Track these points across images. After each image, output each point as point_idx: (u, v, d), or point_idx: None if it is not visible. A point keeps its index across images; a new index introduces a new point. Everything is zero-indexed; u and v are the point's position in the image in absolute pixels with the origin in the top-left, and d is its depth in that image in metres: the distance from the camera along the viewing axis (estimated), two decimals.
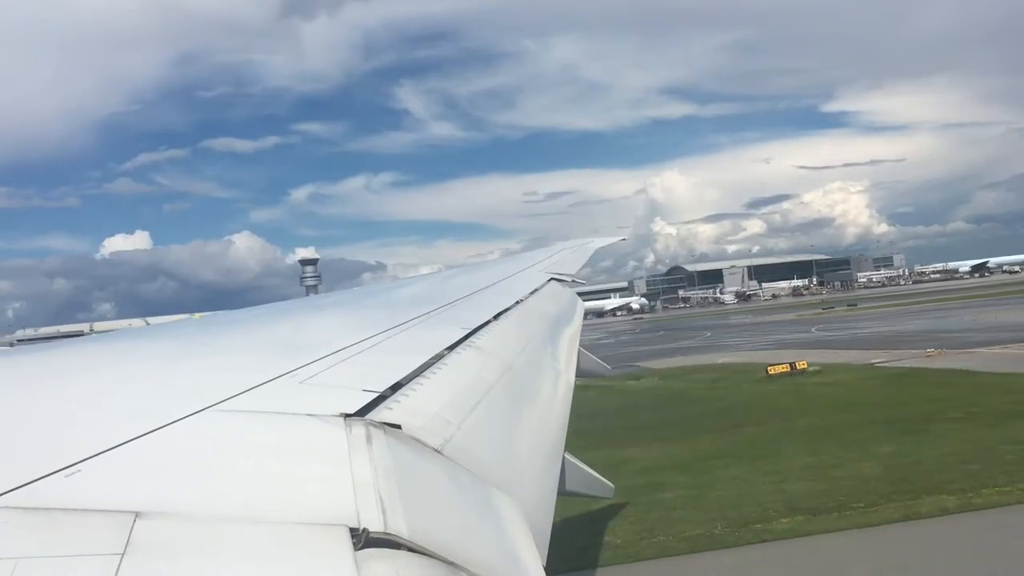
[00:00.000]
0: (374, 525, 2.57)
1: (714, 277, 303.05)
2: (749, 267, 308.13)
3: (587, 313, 13.44)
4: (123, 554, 2.27)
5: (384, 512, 2.65)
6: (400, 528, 2.60)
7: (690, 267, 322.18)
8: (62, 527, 2.45)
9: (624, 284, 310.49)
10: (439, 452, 3.56)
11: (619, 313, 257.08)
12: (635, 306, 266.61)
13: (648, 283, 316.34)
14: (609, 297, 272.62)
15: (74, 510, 2.52)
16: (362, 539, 2.47)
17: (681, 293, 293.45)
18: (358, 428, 3.34)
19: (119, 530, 2.37)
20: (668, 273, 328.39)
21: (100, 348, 6.04)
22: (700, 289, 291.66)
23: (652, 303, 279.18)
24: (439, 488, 3.25)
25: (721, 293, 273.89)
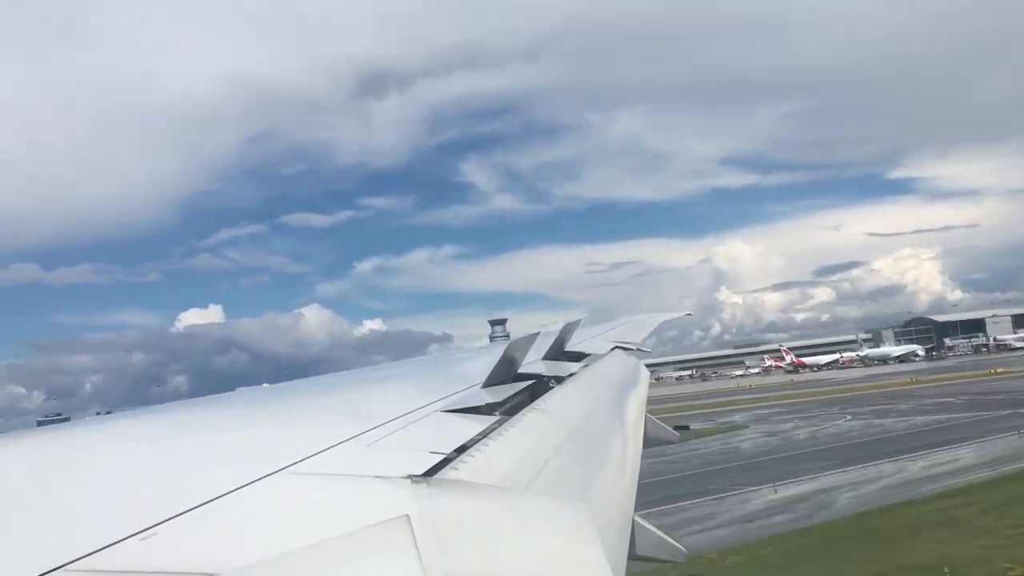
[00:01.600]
0: None
1: (972, 327, 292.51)
2: (1013, 315, 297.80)
3: (873, 360, 13.24)
4: None
5: (428, 569, 2.63)
6: None
7: (939, 318, 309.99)
8: None
9: (852, 337, 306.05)
10: (505, 492, 3.56)
11: (914, 358, 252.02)
12: (920, 352, 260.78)
13: (896, 334, 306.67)
14: (836, 352, 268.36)
15: (149, 573, 2.56)
16: None
17: (948, 341, 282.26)
18: (423, 488, 3.33)
19: None
20: (907, 324, 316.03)
21: (176, 415, 6.22)
22: (964, 338, 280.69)
23: (931, 351, 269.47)
24: (505, 538, 3.21)
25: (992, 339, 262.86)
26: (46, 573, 2.49)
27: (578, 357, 10.50)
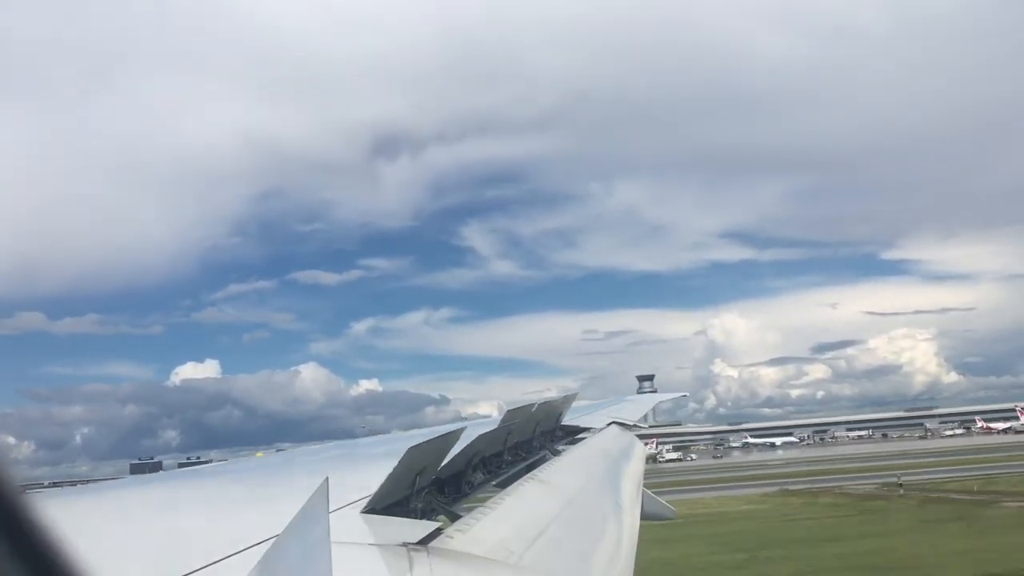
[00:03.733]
0: None
1: None
2: None
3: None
4: None
5: None
6: None
7: None
8: None
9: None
10: (502, 565, 3.53)
11: None
12: None
13: None
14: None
15: None
16: None
17: None
18: (422, 556, 3.32)
19: None
20: None
21: (169, 482, 6.22)
22: None
23: None
24: None
25: None
26: None
27: (575, 431, 10.48)
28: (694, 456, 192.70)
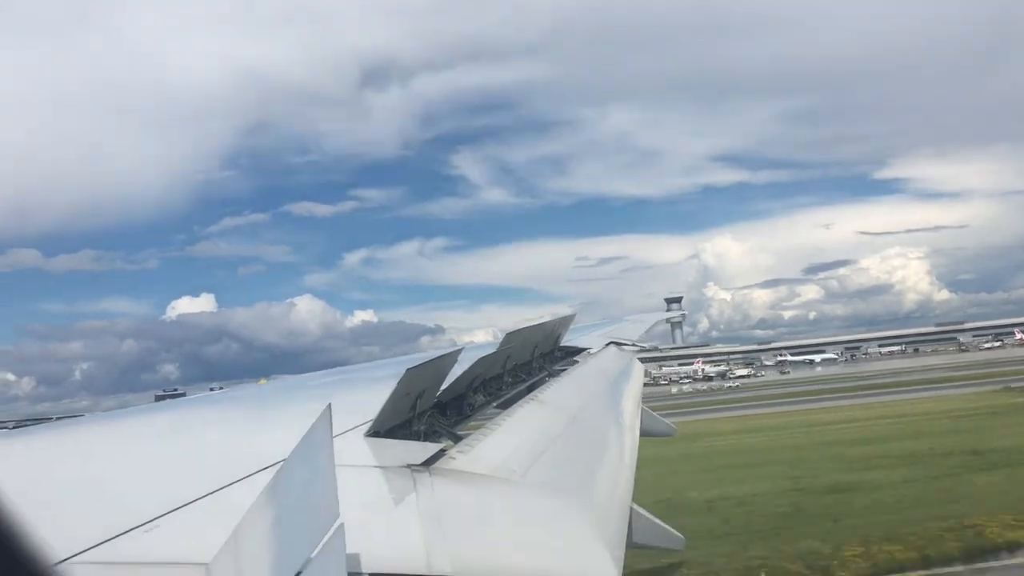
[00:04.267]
0: (424, 569, 2.63)
1: None
2: None
3: None
4: None
5: (430, 555, 2.71)
6: (443, 568, 2.66)
7: None
8: None
9: None
10: (505, 482, 3.62)
11: None
12: None
13: None
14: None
15: (152, 563, 2.64)
16: None
17: None
18: (424, 477, 3.38)
19: None
20: None
21: (179, 410, 6.33)
22: None
23: None
24: (506, 527, 3.27)
25: None
26: (57, 564, 2.55)
27: (574, 352, 10.55)
28: (764, 373, 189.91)
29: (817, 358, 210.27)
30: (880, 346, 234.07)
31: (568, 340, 10.75)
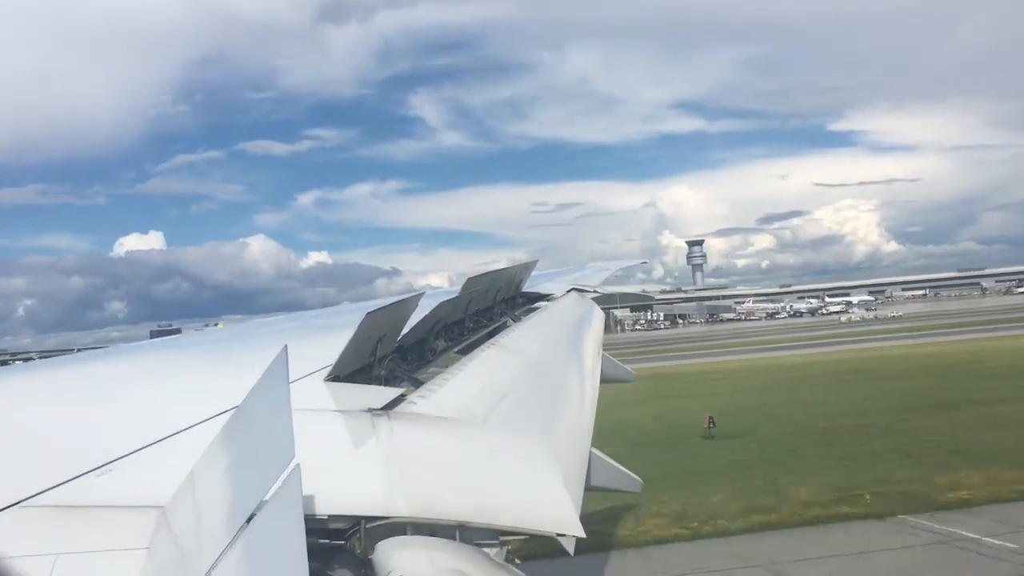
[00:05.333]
0: (382, 511, 2.65)
1: None
2: None
3: None
4: (149, 548, 2.34)
5: (388, 497, 2.73)
6: (401, 510, 2.68)
7: None
8: (94, 523, 2.53)
9: None
10: (464, 424, 3.66)
11: None
12: None
13: None
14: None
15: (105, 507, 2.61)
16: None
17: None
18: (383, 421, 3.38)
19: (146, 525, 2.45)
20: None
21: (135, 355, 6.24)
22: None
23: None
24: (464, 469, 3.29)
25: None
26: (8, 507, 2.51)
27: (535, 298, 10.58)
28: (852, 312, 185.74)
29: (854, 299, 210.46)
30: (903, 289, 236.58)
31: (530, 287, 10.77)
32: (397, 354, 4.92)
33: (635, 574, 22.16)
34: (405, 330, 4.88)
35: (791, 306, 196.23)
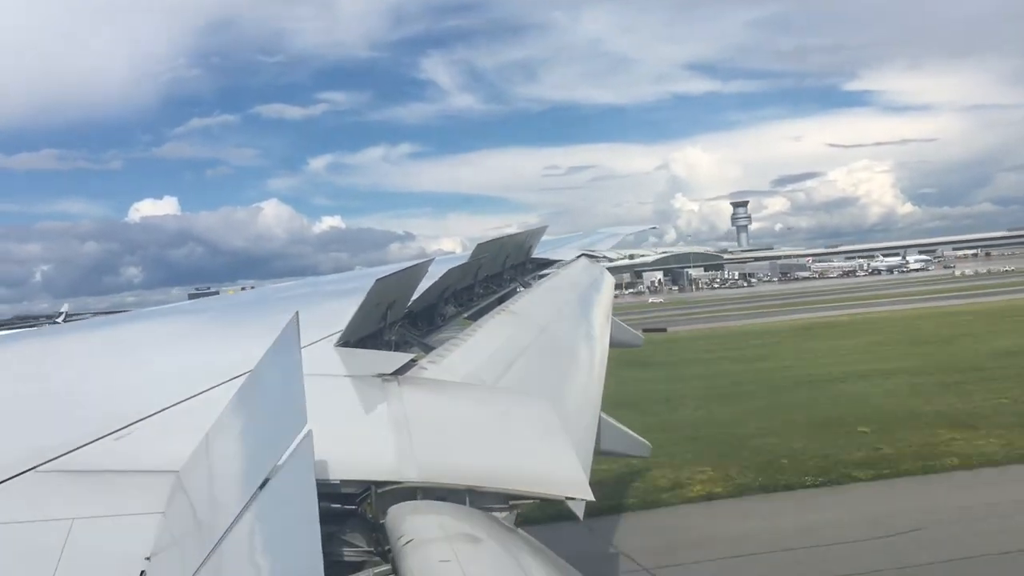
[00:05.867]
0: (393, 476, 2.67)
1: None
2: None
3: None
4: (164, 512, 2.38)
5: (399, 462, 2.75)
6: (411, 475, 2.70)
7: None
8: (110, 487, 2.57)
9: None
10: (473, 388, 3.68)
11: None
12: None
13: None
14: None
15: (120, 471, 2.65)
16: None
17: None
18: (393, 386, 3.40)
19: (161, 490, 2.48)
20: None
21: (149, 320, 6.31)
22: None
23: None
24: (474, 433, 3.32)
25: None
26: (24, 471, 2.55)
27: (545, 264, 10.58)
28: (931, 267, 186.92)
29: (912, 260, 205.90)
30: (954, 249, 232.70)
31: (540, 252, 10.77)
32: (407, 320, 4.94)
33: None
34: (415, 296, 4.89)
35: (868, 264, 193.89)
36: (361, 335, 4.14)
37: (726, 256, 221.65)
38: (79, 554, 2.19)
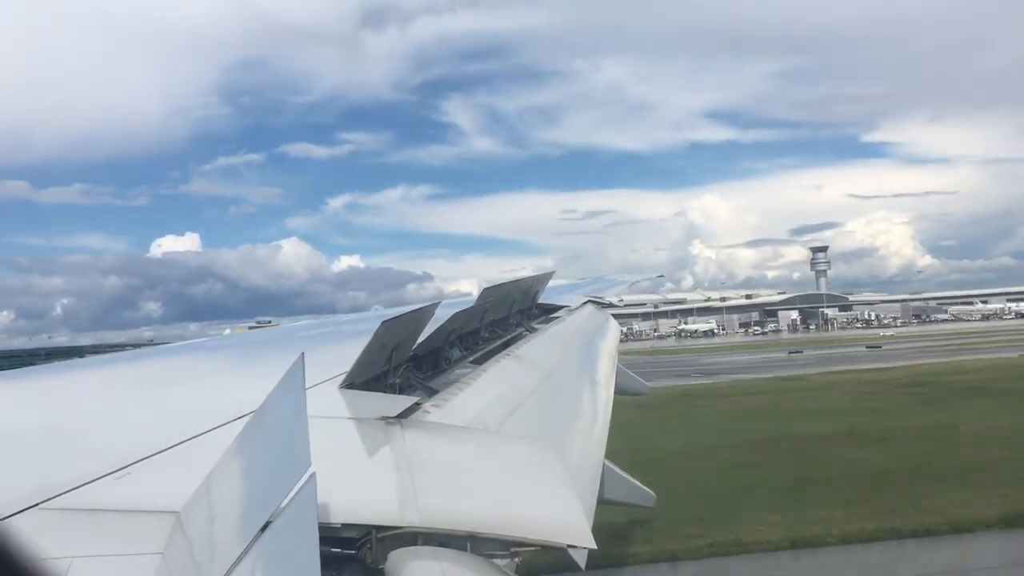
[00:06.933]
0: (395, 520, 2.66)
1: None
2: None
3: None
4: (163, 553, 2.36)
5: (401, 506, 2.74)
6: (413, 520, 2.68)
7: None
8: (110, 527, 2.56)
9: None
10: (476, 433, 3.68)
11: None
12: None
13: None
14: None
15: (121, 511, 2.64)
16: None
17: None
18: (396, 430, 3.39)
19: (161, 530, 2.47)
20: None
21: (155, 358, 6.33)
22: None
23: None
24: (476, 478, 3.30)
25: None
26: (22, 511, 2.54)
27: (551, 309, 10.60)
28: None
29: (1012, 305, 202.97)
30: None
31: (546, 298, 10.79)
32: (412, 363, 4.94)
33: None
34: (420, 339, 4.90)
35: (1009, 307, 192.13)
36: (366, 377, 4.15)
37: (851, 299, 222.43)
38: None
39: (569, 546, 2.85)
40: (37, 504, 2.58)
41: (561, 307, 10.90)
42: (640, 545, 23.25)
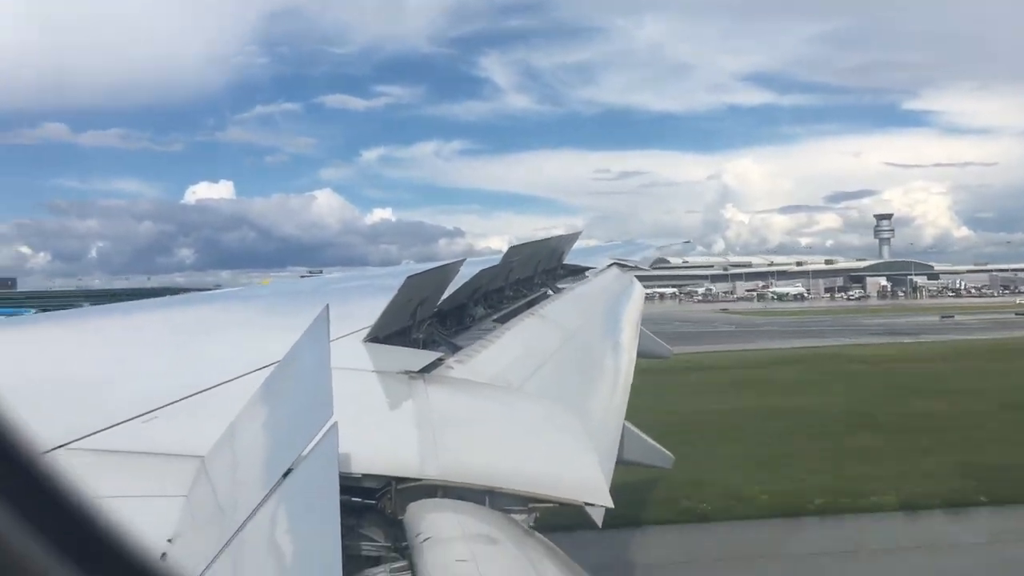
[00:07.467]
0: (414, 473, 2.69)
1: None
2: None
3: None
4: (187, 496, 2.41)
5: (421, 460, 2.76)
6: (432, 473, 2.71)
7: None
8: (135, 469, 2.62)
9: None
10: (499, 390, 3.70)
11: None
12: None
13: None
14: None
15: (146, 454, 2.70)
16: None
17: None
18: (419, 384, 3.42)
19: (185, 474, 2.52)
20: None
21: (185, 306, 6.43)
22: None
23: None
24: (496, 435, 3.32)
25: None
26: (51, 450, 2.60)
27: (577, 270, 10.57)
28: None
29: None
30: None
31: (573, 259, 10.77)
32: (436, 319, 4.96)
33: None
34: (445, 295, 4.92)
35: None
36: (390, 331, 4.17)
37: (936, 268, 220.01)
38: None
39: (587, 504, 2.87)
40: (62, 445, 2.63)
41: (587, 268, 10.87)
42: None
